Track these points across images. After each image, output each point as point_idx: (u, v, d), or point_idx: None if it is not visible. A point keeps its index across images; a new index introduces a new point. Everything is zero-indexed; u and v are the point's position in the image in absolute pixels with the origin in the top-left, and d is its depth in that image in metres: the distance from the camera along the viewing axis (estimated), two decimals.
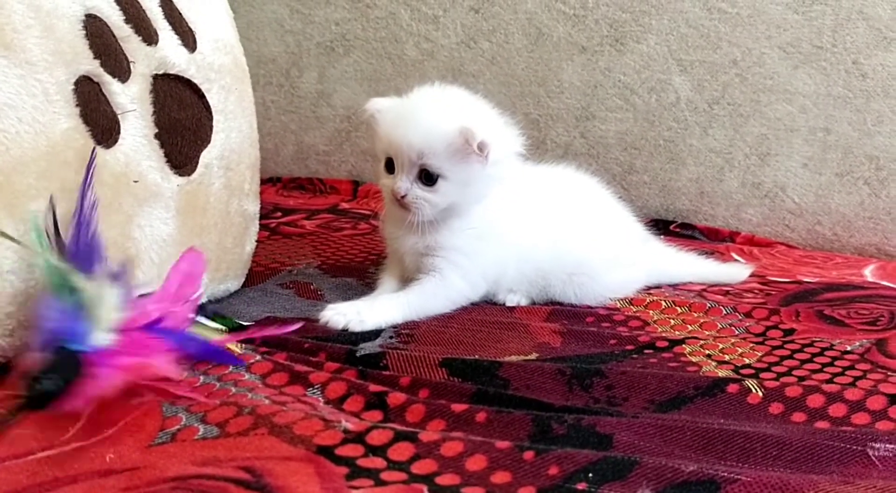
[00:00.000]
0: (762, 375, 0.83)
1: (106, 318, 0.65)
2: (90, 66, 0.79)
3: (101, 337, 0.65)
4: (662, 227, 1.50)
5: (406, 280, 1.01)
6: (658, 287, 1.13)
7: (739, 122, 1.49)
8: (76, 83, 0.77)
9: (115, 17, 0.83)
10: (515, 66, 1.61)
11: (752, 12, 1.46)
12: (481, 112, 0.98)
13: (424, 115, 0.94)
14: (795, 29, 1.44)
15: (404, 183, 0.93)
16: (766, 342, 0.92)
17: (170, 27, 0.90)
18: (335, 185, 1.72)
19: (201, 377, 0.74)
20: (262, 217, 1.11)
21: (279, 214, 1.46)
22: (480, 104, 0.99)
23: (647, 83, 1.53)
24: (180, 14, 0.93)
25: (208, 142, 0.94)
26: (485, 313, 0.99)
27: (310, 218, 1.45)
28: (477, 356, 0.83)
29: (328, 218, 1.46)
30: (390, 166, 0.95)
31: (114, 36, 0.82)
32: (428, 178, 0.93)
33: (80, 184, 0.75)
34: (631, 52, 1.53)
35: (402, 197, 0.93)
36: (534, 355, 0.86)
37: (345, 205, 1.59)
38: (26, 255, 0.70)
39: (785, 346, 0.90)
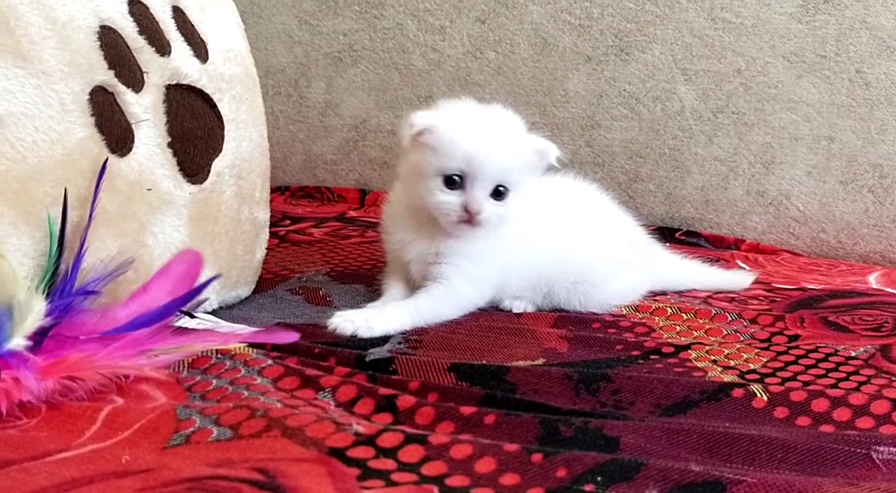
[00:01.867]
0: (767, 380, 0.83)
1: (29, 325, 0.67)
2: (105, 76, 0.80)
3: (16, 342, 0.66)
4: (668, 234, 1.51)
5: (412, 286, 1.02)
6: (664, 294, 1.14)
7: (744, 130, 1.50)
8: (91, 93, 0.79)
9: (129, 29, 0.84)
10: (521, 75, 1.62)
11: (755, 22, 1.47)
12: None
13: (502, 133, 0.95)
14: (799, 38, 1.46)
15: (482, 200, 0.93)
16: (770, 348, 0.92)
17: (182, 38, 0.92)
18: (343, 193, 1.74)
19: (214, 381, 0.75)
20: (271, 225, 1.12)
21: (288, 222, 1.48)
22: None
23: (651, 92, 1.54)
24: (193, 26, 0.94)
25: (220, 151, 0.96)
26: (492, 320, 1.00)
27: (318, 226, 1.47)
28: (485, 361, 0.84)
29: (336, 226, 1.47)
30: (450, 183, 0.93)
31: (128, 47, 0.84)
32: (498, 194, 0.95)
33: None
34: (636, 62, 1.55)
35: (478, 214, 0.93)
36: (541, 361, 0.87)
37: (352, 213, 1.60)
38: (42, 261, 0.72)
39: (790, 352, 0.91)
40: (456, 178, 0.93)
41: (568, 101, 1.60)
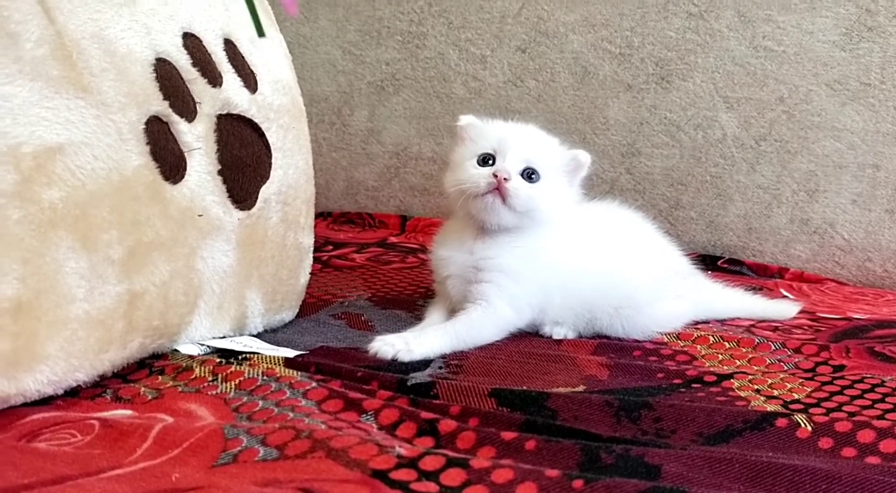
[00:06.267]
0: (811, 410, 0.82)
1: None
2: (160, 106, 0.83)
3: None
4: (710, 262, 1.50)
5: (453, 312, 1.03)
6: (706, 322, 1.13)
7: (787, 158, 1.49)
8: (147, 123, 0.82)
9: (183, 61, 0.88)
10: (562, 103, 1.64)
11: (798, 50, 1.47)
12: None
13: (533, 127, 1.05)
14: (842, 66, 1.45)
15: (511, 167, 0.98)
16: (815, 378, 0.91)
17: (233, 70, 0.95)
18: (384, 219, 1.76)
19: (260, 402, 0.76)
20: (314, 250, 1.15)
21: (330, 247, 1.50)
22: None
23: (693, 120, 1.54)
24: (243, 58, 0.97)
25: (267, 178, 0.98)
26: (532, 346, 1.00)
27: (360, 251, 1.49)
28: (525, 387, 0.84)
29: (377, 251, 1.49)
30: (485, 163, 1.00)
31: (182, 79, 0.87)
32: (528, 177, 0.99)
33: (149, 215, 0.79)
34: (677, 90, 1.55)
35: (506, 179, 0.96)
36: (581, 388, 0.87)
37: (393, 239, 1.62)
38: (98, 284, 0.75)
39: (835, 382, 0.90)
40: (489, 157, 1.00)
41: (608, 128, 1.61)
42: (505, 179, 0.96)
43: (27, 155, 0.69)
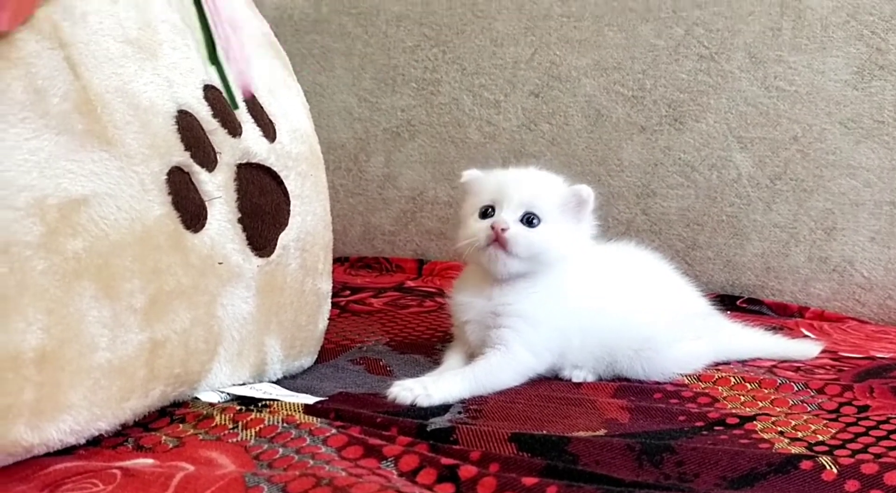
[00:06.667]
0: (836, 452, 0.81)
1: None
2: (181, 157, 0.85)
3: None
4: (729, 302, 1.49)
5: (471, 357, 1.03)
6: (727, 363, 1.12)
7: (803, 197, 1.49)
8: (169, 173, 0.83)
9: (203, 113, 0.89)
10: (576, 146, 1.65)
11: (810, 89, 1.48)
12: None
13: (532, 171, 1.06)
14: (855, 105, 1.45)
15: (508, 217, 0.98)
16: (839, 419, 0.90)
17: (252, 120, 0.97)
18: (401, 263, 1.77)
19: (280, 449, 0.76)
20: (332, 295, 1.15)
21: (348, 292, 1.51)
22: None
23: (707, 160, 1.55)
24: (262, 107, 0.99)
25: (286, 225, 1.00)
26: (552, 389, 1.00)
27: (377, 296, 1.49)
28: (545, 432, 0.84)
29: (395, 296, 1.50)
30: (486, 215, 1.01)
31: (202, 129, 0.89)
32: (529, 222, 0.99)
33: (171, 264, 0.81)
34: (690, 131, 1.56)
35: (504, 229, 0.97)
36: (602, 431, 0.86)
37: (410, 283, 1.63)
38: (120, 332, 0.75)
39: (859, 423, 0.89)
40: (490, 209, 1.01)
41: (623, 170, 1.61)
42: (503, 229, 0.97)
43: (53, 207, 0.71)
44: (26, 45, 0.73)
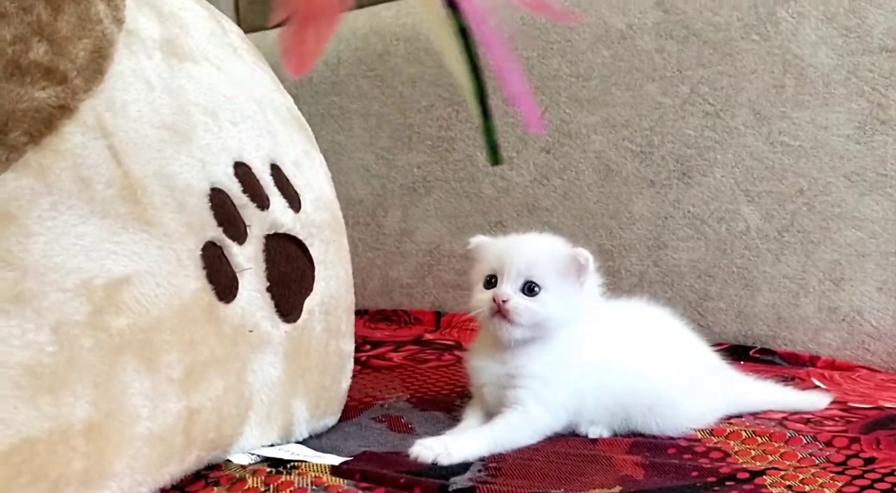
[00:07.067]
0: None
1: None
2: (215, 233, 0.91)
3: None
4: (742, 353, 1.52)
5: (490, 414, 1.06)
6: (739, 416, 1.15)
7: (811, 248, 1.53)
8: (203, 248, 0.89)
9: (234, 189, 0.95)
10: (587, 200, 1.70)
11: (814, 144, 1.53)
12: None
13: (532, 238, 1.09)
14: (858, 158, 1.50)
15: (508, 289, 1.02)
16: (846, 472, 0.93)
17: (279, 193, 1.02)
18: (419, 316, 1.82)
19: None
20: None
21: (368, 346, 1.55)
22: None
23: (716, 213, 1.59)
24: (287, 180, 1.05)
25: (311, 290, 1.05)
26: (568, 446, 1.03)
27: (396, 350, 1.53)
28: (563, 490, 0.87)
29: (414, 350, 1.54)
30: (490, 285, 1.04)
31: (234, 205, 0.95)
32: (530, 290, 1.02)
33: (205, 335, 0.85)
34: (698, 185, 1.61)
35: (504, 301, 1.01)
36: (617, 489, 0.90)
37: (429, 336, 1.67)
38: (160, 402, 0.80)
39: (865, 475, 0.91)
40: (493, 278, 1.04)
41: (633, 223, 1.66)
42: (503, 300, 1.01)
43: (98, 287, 0.76)
44: (73, 137, 0.79)
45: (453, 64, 0.62)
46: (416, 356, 1.49)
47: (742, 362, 1.47)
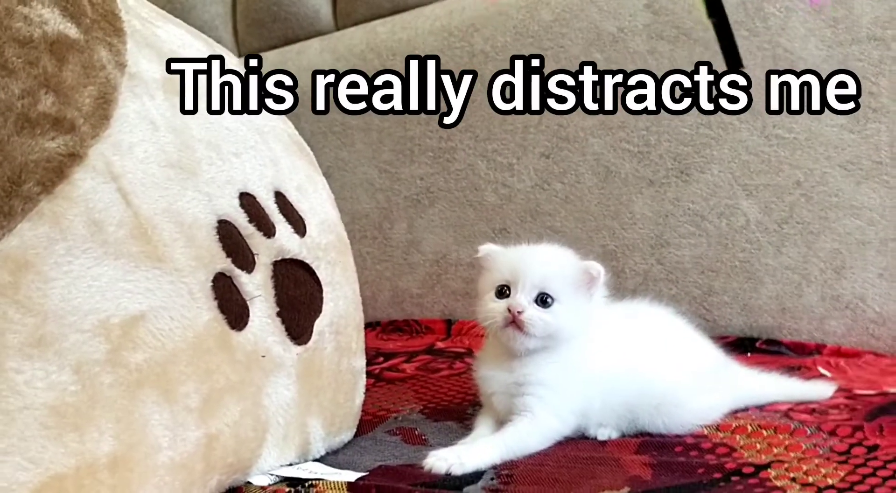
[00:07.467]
0: None
1: None
2: (224, 264, 0.94)
3: None
4: (749, 345, 1.55)
5: (500, 422, 1.09)
6: (745, 410, 1.17)
7: (811, 239, 1.55)
8: (213, 280, 0.92)
9: (241, 220, 0.98)
10: (588, 202, 1.73)
11: (808, 135, 1.55)
12: None
13: (545, 249, 1.11)
14: (853, 147, 1.52)
15: (523, 300, 1.04)
16: (849, 461, 0.95)
17: (284, 220, 1.05)
18: (430, 325, 1.85)
19: None
20: (366, 364, 1.22)
21: (381, 359, 1.58)
22: None
23: (715, 209, 1.62)
24: (292, 206, 1.08)
25: (320, 312, 1.08)
26: (578, 449, 1.06)
27: (409, 361, 1.57)
28: None
29: (426, 359, 1.57)
30: (502, 294, 1.06)
31: (241, 235, 0.98)
32: (543, 302, 1.05)
33: (220, 363, 0.89)
34: (697, 182, 1.63)
35: (520, 312, 1.03)
36: (626, 490, 0.92)
37: (440, 344, 1.70)
38: (180, 432, 0.84)
39: (867, 464, 0.94)
40: (505, 288, 1.06)
41: (635, 222, 1.69)
42: (518, 311, 1.03)
43: (115, 325, 0.80)
44: (83, 183, 0.82)
45: None
46: (429, 366, 1.52)
47: (749, 354, 1.50)
